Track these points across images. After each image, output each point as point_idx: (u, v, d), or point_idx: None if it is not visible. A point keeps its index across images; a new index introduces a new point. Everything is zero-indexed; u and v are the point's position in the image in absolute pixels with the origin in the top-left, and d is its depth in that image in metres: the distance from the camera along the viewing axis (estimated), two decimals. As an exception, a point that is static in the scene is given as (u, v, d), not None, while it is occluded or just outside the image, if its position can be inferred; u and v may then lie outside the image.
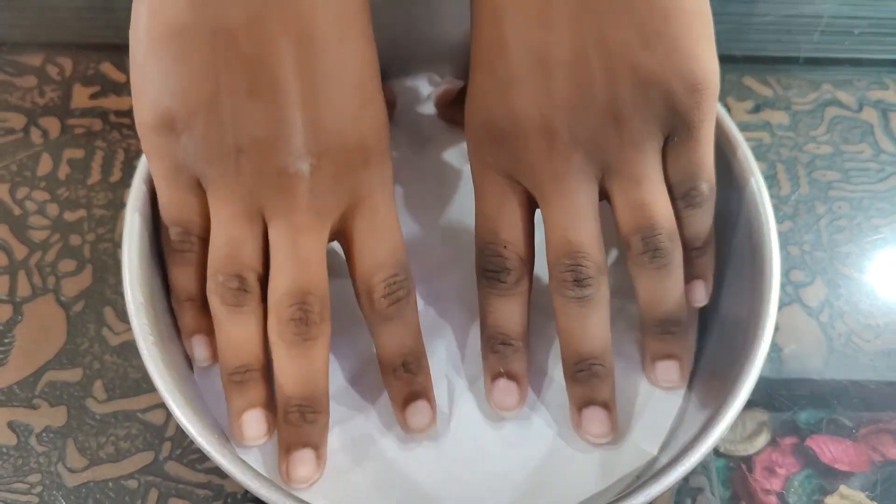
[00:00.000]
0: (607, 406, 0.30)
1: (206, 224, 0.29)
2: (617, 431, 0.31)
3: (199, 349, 0.31)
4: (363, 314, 0.30)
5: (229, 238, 0.29)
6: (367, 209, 0.30)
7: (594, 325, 0.30)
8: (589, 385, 0.30)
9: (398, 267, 0.30)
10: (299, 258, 0.28)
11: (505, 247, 0.30)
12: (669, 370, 0.32)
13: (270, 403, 0.30)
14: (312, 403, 0.29)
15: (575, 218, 0.29)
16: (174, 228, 0.30)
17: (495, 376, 0.31)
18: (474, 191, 0.31)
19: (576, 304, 0.29)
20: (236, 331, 0.29)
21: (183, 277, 0.31)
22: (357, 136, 0.29)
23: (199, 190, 0.29)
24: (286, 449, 0.29)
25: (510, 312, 0.30)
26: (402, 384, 0.30)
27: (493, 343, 0.31)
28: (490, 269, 0.30)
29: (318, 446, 0.29)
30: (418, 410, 0.30)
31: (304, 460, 0.29)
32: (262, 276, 0.29)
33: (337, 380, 0.32)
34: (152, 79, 0.28)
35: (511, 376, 0.31)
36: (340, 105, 0.28)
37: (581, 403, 0.30)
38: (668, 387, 0.32)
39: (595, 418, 0.30)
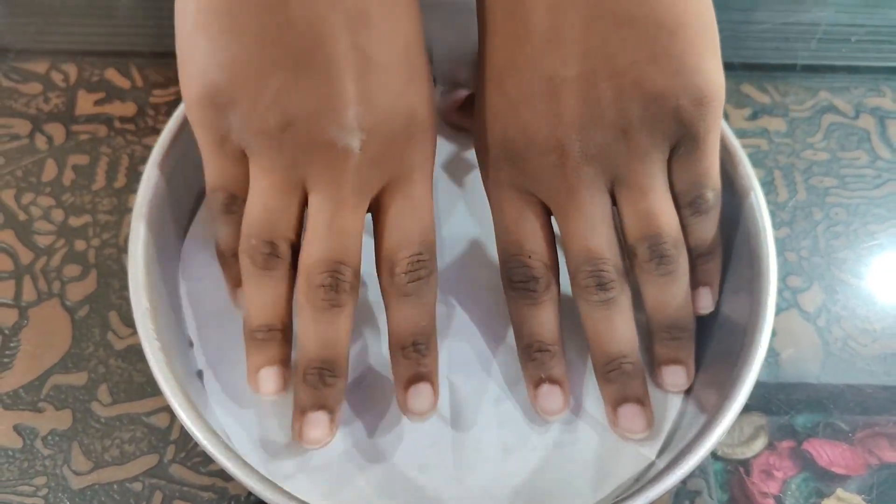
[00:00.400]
0: (641, 402, 0.31)
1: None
2: (653, 426, 0.31)
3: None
4: (381, 288, 0.30)
5: (266, 206, 0.29)
6: (406, 186, 0.30)
7: (620, 325, 0.30)
8: (621, 383, 0.31)
9: (425, 246, 0.30)
10: (337, 230, 0.29)
11: (530, 256, 0.31)
12: (676, 374, 0.32)
13: (287, 364, 0.30)
14: (332, 367, 0.29)
15: (591, 227, 0.30)
16: (219, 193, 0.30)
17: (537, 383, 0.31)
18: (491, 206, 0.32)
19: (601, 308, 0.30)
20: (263, 292, 0.29)
21: (228, 236, 0.31)
22: (405, 111, 0.29)
23: (244, 158, 0.29)
24: (301, 409, 0.29)
25: (543, 320, 0.31)
26: (409, 363, 0.30)
27: (531, 351, 0.31)
28: (518, 280, 0.31)
29: (333, 410, 0.29)
30: (420, 393, 0.30)
31: (318, 422, 0.29)
32: (295, 244, 0.29)
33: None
34: (199, 50, 0.28)
35: (553, 381, 0.31)
36: (390, 79, 0.28)
37: (616, 402, 0.31)
38: (674, 391, 0.32)
39: (631, 414, 0.31)
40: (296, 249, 0.30)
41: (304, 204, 0.29)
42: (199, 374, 0.32)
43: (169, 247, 0.33)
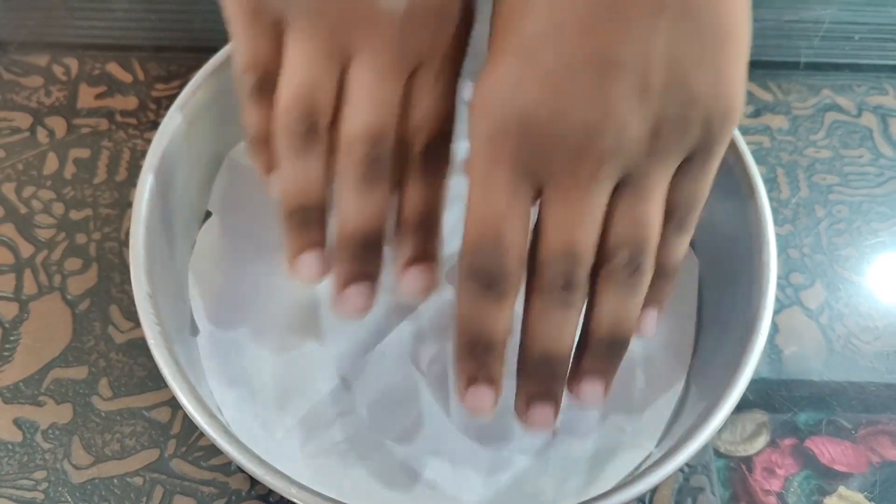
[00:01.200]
0: (555, 400, 0.29)
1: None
2: (554, 427, 0.29)
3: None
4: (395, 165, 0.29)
5: (303, 79, 0.28)
6: (436, 64, 0.29)
7: (568, 328, 0.28)
8: (547, 383, 0.29)
9: (449, 126, 0.29)
10: (378, 101, 0.28)
11: (508, 250, 0.28)
12: (596, 388, 0.29)
13: (327, 246, 0.29)
14: (373, 238, 0.28)
15: (583, 223, 0.28)
16: (250, 73, 0.29)
17: (472, 381, 0.29)
18: (472, 186, 0.28)
19: (558, 307, 0.28)
20: (301, 171, 0.28)
21: (261, 120, 0.30)
22: None
23: (279, 32, 0.28)
24: (343, 282, 0.28)
25: (499, 317, 0.28)
26: (413, 244, 0.29)
27: (476, 348, 0.29)
28: (485, 274, 0.28)
29: (373, 278, 0.29)
30: (419, 273, 0.29)
31: (360, 293, 0.28)
32: (332, 120, 0.28)
33: (347, 373, 0.33)
34: None
35: (490, 381, 0.29)
36: None
37: (529, 397, 0.29)
38: (590, 402, 0.29)
39: (541, 414, 0.29)
40: (333, 124, 0.28)
41: (343, 76, 0.28)
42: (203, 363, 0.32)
43: (172, 232, 0.32)
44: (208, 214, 0.35)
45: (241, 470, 0.32)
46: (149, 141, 0.39)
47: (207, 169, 0.35)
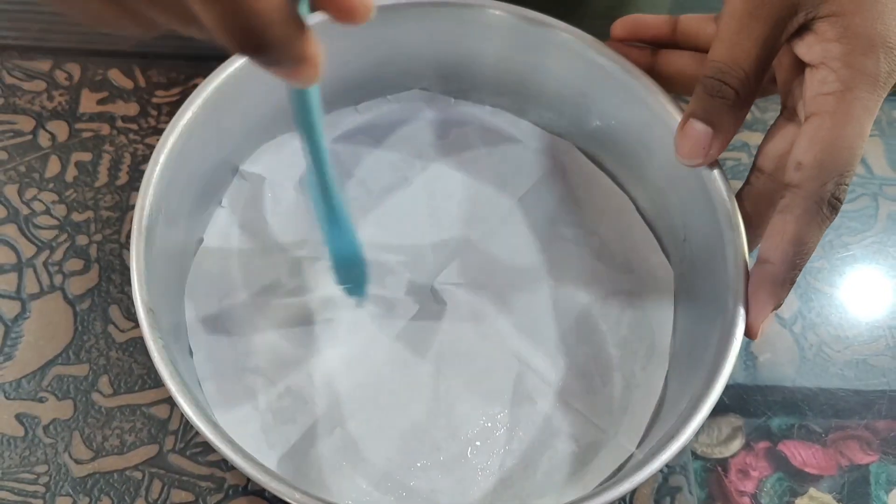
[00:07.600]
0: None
1: None
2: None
3: None
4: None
5: None
6: None
7: None
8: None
9: None
10: None
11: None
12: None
13: None
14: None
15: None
16: None
17: (691, 115, 0.30)
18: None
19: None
20: None
21: None
22: None
23: None
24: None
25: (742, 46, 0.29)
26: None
27: (710, 80, 0.29)
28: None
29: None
30: None
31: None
32: None
33: (342, 385, 0.33)
34: None
35: (708, 120, 0.29)
36: None
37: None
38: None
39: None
40: None
41: None
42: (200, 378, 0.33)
43: (170, 246, 0.33)
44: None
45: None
46: (149, 146, 0.40)
47: (202, 184, 0.35)
